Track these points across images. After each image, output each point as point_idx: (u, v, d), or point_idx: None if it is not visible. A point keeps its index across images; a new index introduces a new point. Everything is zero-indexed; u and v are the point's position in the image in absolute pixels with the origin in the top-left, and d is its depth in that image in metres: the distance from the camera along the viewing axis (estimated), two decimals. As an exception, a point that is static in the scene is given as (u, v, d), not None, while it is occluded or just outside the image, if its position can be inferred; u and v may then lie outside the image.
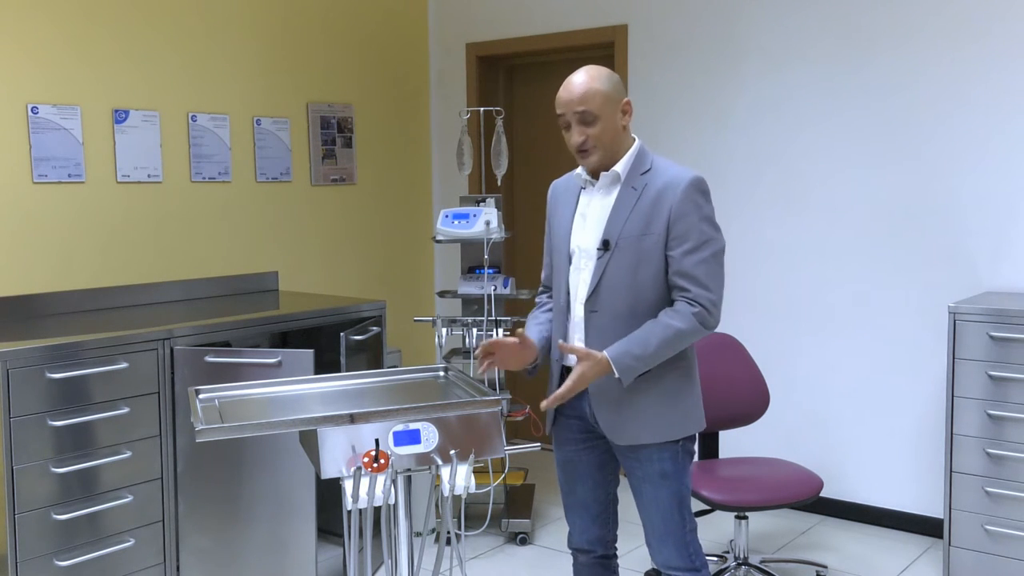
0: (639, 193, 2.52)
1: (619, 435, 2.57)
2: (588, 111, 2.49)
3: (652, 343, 2.45)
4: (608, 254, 2.52)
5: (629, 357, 2.46)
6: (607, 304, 2.53)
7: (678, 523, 2.60)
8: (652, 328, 2.47)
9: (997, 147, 3.97)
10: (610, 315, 2.52)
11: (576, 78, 2.52)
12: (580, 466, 2.71)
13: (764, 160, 4.54)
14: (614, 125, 2.53)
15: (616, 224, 2.52)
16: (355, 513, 2.29)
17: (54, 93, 3.90)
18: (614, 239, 2.51)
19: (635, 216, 2.50)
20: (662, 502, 2.59)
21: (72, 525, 3.19)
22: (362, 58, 5.20)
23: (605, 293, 2.53)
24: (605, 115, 2.51)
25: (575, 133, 2.53)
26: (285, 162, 4.80)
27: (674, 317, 2.47)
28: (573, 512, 2.76)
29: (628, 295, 2.51)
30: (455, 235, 4.14)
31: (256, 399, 2.53)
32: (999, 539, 3.61)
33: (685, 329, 2.46)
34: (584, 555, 2.79)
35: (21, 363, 3.04)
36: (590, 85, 2.50)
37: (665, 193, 2.49)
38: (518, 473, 4.58)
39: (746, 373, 3.83)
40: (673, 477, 2.58)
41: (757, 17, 4.50)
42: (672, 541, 2.61)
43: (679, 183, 2.49)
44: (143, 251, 4.23)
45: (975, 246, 4.04)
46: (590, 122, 2.51)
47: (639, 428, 2.55)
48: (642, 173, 2.54)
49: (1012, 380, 3.55)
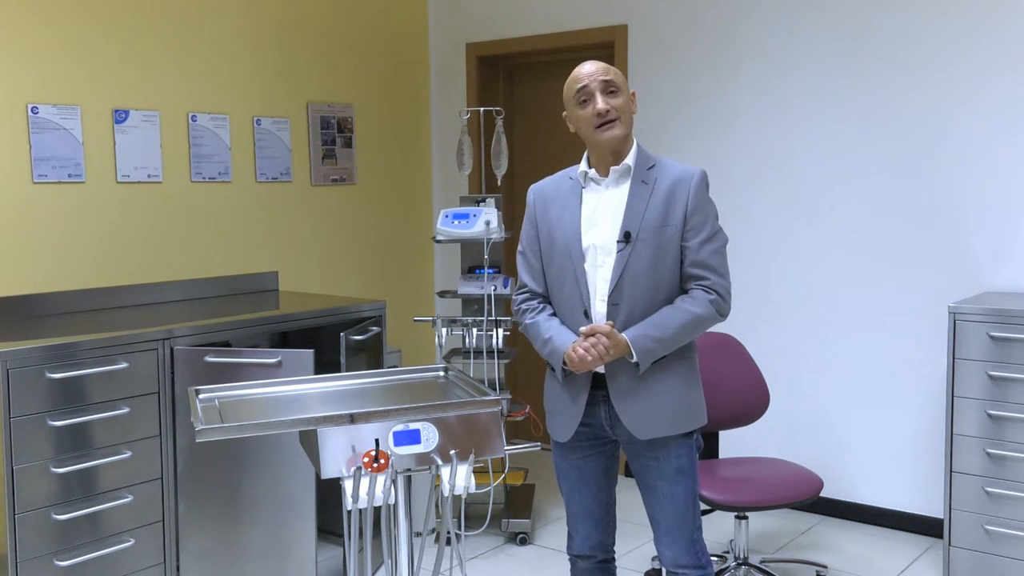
0: (651, 187, 2.55)
1: (642, 429, 2.55)
2: (613, 81, 2.55)
3: (671, 327, 2.49)
4: (630, 246, 2.53)
5: (648, 340, 2.49)
6: (629, 296, 2.54)
7: (690, 520, 2.62)
8: (671, 312, 2.51)
9: (997, 147, 3.97)
10: (631, 307, 2.53)
11: (591, 61, 2.59)
12: (586, 473, 2.70)
13: (765, 160, 4.54)
14: (630, 107, 2.59)
15: (635, 217, 2.54)
16: (355, 513, 2.29)
17: (54, 93, 3.90)
18: (635, 231, 2.53)
19: (652, 208, 2.54)
20: (677, 499, 2.60)
21: (72, 525, 3.19)
22: (362, 58, 5.20)
23: (628, 285, 2.53)
24: (625, 94, 2.57)
25: (600, 101, 2.52)
26: (285, 162, 4.80)
27: (692, 303, 2.52)
28: (577, 519, 2.75)
29: (649, 286, 2.53)
30: (455, 235, 4.14)
31: (256, 399, 2.53)
32: (999, 539, 3.61)
33: (703, 314, 2.51)
34: (585, 561, 2.79)
35: (21, 363, 3.04)
36: (610, 65, 2.59)
37: (679, 186, 2.55)
38: (518, 473, 4.58)
39: (746, 373, 3.83)
40: (688, 472, 2.61)
41: (757, 17, 4.50)
42: (683, 539, 2.62)
43: (692, 176, 2.56)
44: (143, 251, 4.23)
45: (975, 246, 4.04)
46: (614, 92, 2.55)
47: (659, 421, 2.56)
48: (648, 168, 2.58)
49: (1012, 380, 3.55)
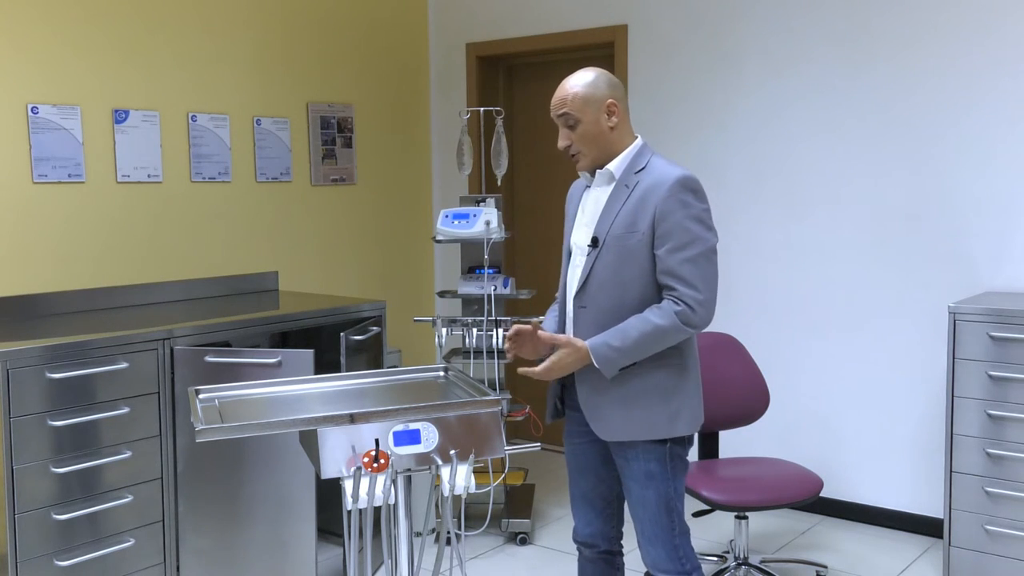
0: (630, 191, 2.55)
1: (602, 430, 2.59)
2: (569, 114, 2.57)
3: (631, 336, 2.48)
4: (596, 251, 2.56)
5: (607, 348, 2.49)
6: (594, 300, 2.57)
7: (666, 526, 2.59)
8: (632, 322, 2.50)
9: (997, 148, 3.97)
10: (596, 311, 2.56)
11: (564, 83, 2.60)
12: (583, 459, 2.73)
13: (764, 160, 4.54)
14: (598, 127, 2.56)
15: (605, 222, 2.57)
16: (355, 513, 2.29)
17: (54, 93, 3.90)
18: (602, 237, 2.56)
19: (623, 214, 2.54)
20: (649, 503, 2.59)
21: (72, 525, 3.19)
22: (362, 58, 5.20)
23: (592, 289, 2.57)
24: (587, 118, 2.56)
25: (561, 137, 2.62)
26: (285, 162, 4.81)
27: (656, 314, 2.49)
28: (577, 504, 2.78)
29: (613, 292, 2.54)
30: (455, 235, 4.14)
31: (256, 399, 2.53)
32: (999, 539, 3.61)
33: (665, 326, 2.47)
34: (588, 549, 2.79)
35: (21, 363, 3.04)
36: (570, 90, 2.57)
37: (651, 192, 2.51)
38: (518, 473, 4.58)
39: (746, 373, 3.83)
40: (660, 479, 2.57)
41: (757, 17, 4.50)
42: (661, 543, 2.60)
43: (665, 182, 2.50)
44: (143, 251, 4.23)
45: (975, 246, 4.04)
46: (572, 125, 2.58)
47: (623, 424, 2.56)
48: (636, 172, 2.57)
49: (1012, 380, 3.55)
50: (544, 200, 5.51)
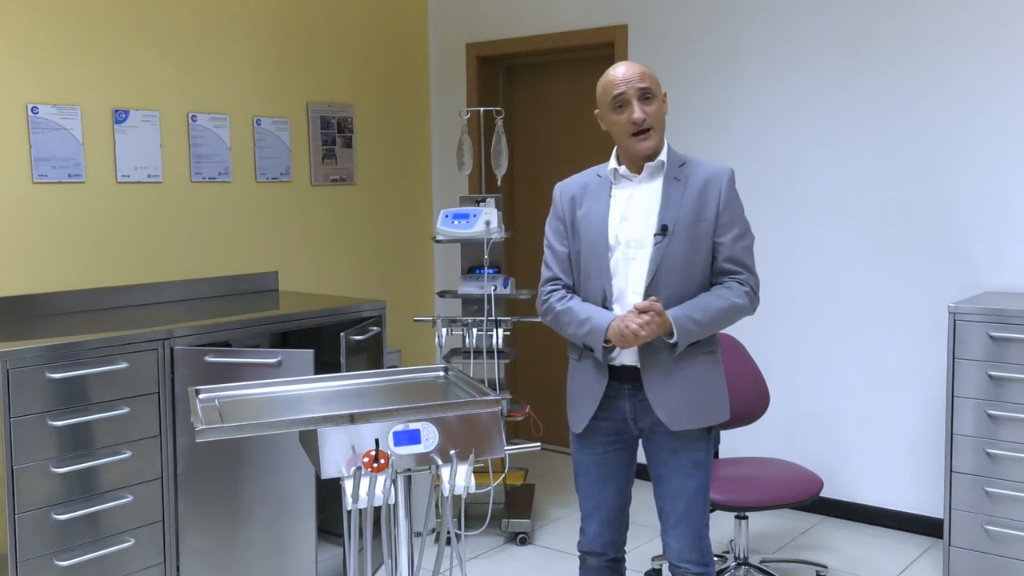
0: (684, 183, 2.58)
1: (676, 420, 2.56)
2: (650, 88, 2.56)
3: (711, 310, 2.53)
4: (666, 239, 2.55)
5: (689, 320, 2.51)
6: (664, 288, 2.55)
7: (700, 515, 2.63)
8: (710, 298, 2.55)
9: (997, 148, 3.97)
10: (667, 299, 2.55)
11: (626, 63, 2.60)
12: (608, 468, 2.70)
13: (765, 161, 4.54)
14: (663, 110, 2.61)
15: (670, 211, 2.57)
16: (355, 513, 2.29)
17: (54, 93, 3.90)
18: (672, 225, 2.55)
19: (687, 203, 2.57)
20: (688, 492, 2.61)
21: (72, 525, 3.19)
22: (362, 58, 5.20)
23: (664, 277, 2.56)
24: (659, 98, 2.59)
25: (637, 110, 2.54)
26: (285, 162, 4.80)
27: (730, 292, 2.57)
28: (593, 515, 2.74)
29: (682, 279, 2.56)
30: (455, 235, 4.14)
31: (256, 399, 2.53)
32: (999, 539, 3.61)
33: (740, 304, 2.57)
34: (595, 558, 2.78)
35: (21, 363, 3.04)
36: (642, 68, 2.58)
37: (711, 183, 2.58)
38: (518, 473, 4.58)
39: (746, 373, 3.83)
40: (704, 467, 2.63)
41: (757, 17, 4.50)
42: (691, 534, 2.63)
43: (723, 174, 2.60)
44: (143, 251, 4.23)
45: (975, 246, 4.04)
46: (650, 99, 2.57)
47: (692, 413, 2.58)
48: (680, 166, 2.61)
49: (1012, 380, 3.55)
50: (544, 200, 5.49)
